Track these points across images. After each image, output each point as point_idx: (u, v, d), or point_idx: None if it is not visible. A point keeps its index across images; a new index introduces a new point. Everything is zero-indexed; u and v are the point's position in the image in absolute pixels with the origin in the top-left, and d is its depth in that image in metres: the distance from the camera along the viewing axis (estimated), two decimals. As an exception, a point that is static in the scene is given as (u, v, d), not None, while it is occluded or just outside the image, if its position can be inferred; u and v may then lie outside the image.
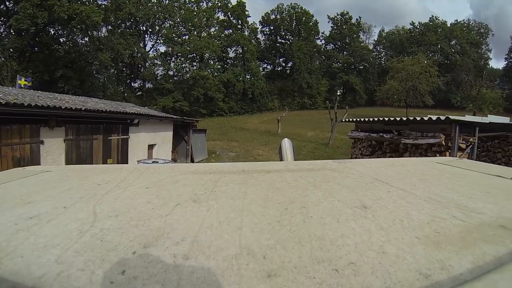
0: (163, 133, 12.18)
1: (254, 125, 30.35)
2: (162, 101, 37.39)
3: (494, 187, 0.63)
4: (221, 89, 39.45)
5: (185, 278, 0.30)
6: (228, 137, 23.88)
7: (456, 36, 47.51)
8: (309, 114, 40.07)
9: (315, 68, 46.57)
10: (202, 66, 40.62)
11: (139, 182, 0.66)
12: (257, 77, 42.46)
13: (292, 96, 43.63)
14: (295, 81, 44.93)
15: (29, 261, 0.33)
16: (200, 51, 39.84)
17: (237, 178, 0.70)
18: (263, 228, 0.41)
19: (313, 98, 45.36)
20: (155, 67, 40.84)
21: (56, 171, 0.78)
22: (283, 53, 47.94)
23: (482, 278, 0.31)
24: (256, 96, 41.78)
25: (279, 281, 0.30)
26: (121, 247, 0.36)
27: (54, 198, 0.54)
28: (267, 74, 48.41)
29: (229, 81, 40.06)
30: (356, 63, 50.10)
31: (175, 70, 41.35)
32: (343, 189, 0.60)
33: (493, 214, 0.47)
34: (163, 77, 39.89)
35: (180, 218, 0.45)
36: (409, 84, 34.67)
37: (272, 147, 19.09)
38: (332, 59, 49.87)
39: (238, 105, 41.32)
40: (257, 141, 22.26)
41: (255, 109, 42.05)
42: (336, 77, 48.02)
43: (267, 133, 25.94)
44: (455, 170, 0.81)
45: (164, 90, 39.08)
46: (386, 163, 0.92)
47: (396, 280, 0.30)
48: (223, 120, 36.14)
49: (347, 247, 0.36)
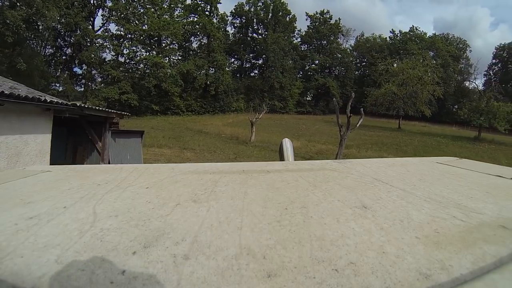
0: (30, 136, 5.42)
1: (216, 128, 25.06)
2: (105, 91, 30.74)
3: (494, 187, 0.63)
4: (178, 82, 33.54)
5: (185, 278, 0.30)
6: (181, 144, 17.92)
7: (437, 48, 45.66)
8: (281, 118, 35.80)
9: (289, 68, 42.33)
10: (159, 52, 34.40)
11: (139, 182, 0.66)
12: (222, 71, 37.02)
13: (261, 96, 38.67)
14: (266, 80, 40.30)
15: (29, 261, 0.33)
16: (157, 32, 33.52)
17: (237, 178, 0.70)
18: (263, 228, 0.42)
19: (284, 101, 40.96)
20: (103, 50, 33.90)
21: (56, 171, 0.79)
22: (254, 47, 43.15)
23: (482, 278, 0.30)
24: (219, 93, 36.40)
25: (279, 281, 0.30)
26: (121, 247, 0.36)
27: (54, 198, 0.54)
28: (234, 70, 43.42)
29: (189, 73, 34.31)
30: (333, 67, 46.79)
31: (127, 57, 34.79)
32: (343, 189, 0.61)
33: (493, 214, 0.47)
34: (110, 63, 33.04)
35: (180, 218, 0.45)
36: (410, 89, 30.47)
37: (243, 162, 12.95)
38: (307, 59, 46.14)
39: (198, 103, 35.81)
40: (222, 152, 16.40)
41: (217, 109, 36.84)
42: (311, 79, 44.26)
43: (234, 140, 20.52)
44: (455, 170, 0.81)
45: (109, 79, 32.42)
46: (386, 163, 0.91)
47: (396, 280, 0.30)
48: (178, 120, 30.65)
49: (347, 247, 0.36)
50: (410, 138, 25.37)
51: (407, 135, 27.29)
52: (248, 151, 16.80)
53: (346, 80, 45.72)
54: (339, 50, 46.79)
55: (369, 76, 44.05)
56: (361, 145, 20.85)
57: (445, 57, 44.54)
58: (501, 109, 26.53)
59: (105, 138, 8.14)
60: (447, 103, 45.52)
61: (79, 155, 8.53)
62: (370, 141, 23.14)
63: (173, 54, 36.80)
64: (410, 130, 31.38)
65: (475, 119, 28.00)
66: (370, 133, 26.70)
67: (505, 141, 26.52)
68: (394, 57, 37.44)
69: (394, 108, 32.29)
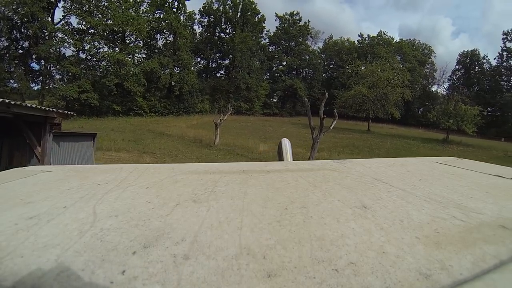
0: None
1: (179, 130, 24.61)
2: (63, 90, 29.57)
3: (494, 187, 0.63)
4: (141, 81, 32.86)
5: (185, 278, 0.30)
6: (141, 147, 17.43)
7: (404, 52, 47.02)
8: (247, 120, 35.51)
9: (256, 68, 42.36)
10: (122, 49, 33.34)
11: (139, 182, 0.66)
12: (188, 70, 36.57)
13: (227, 97, 38.69)
14: (232, 81, 40.29)
15: (29, 261, 0.33)
16: (121, 28, 32.37)
17: (237, 178, 0.70)
18: (263, 228, 0.42)
19: (251, 102, 41.10)
20: (63, 44, 32.30)
21: (56, 171, 0.78)
22: (220, 47, 42.81)
23: (482, 278, 0.30)
24: (184, 94, 36.08)
25: (279, 281, 0.30)
26: (121, 247, 0.36)
27: (54, 198, 0.54)
28: (199, 70, 43.09)
29: (153, 72, 33.70)
30: (301, 68, 47.36)
31: (88, 53, 33.51)
32: (343, 189, 0.60)
33: (493, 214, 0.47)
34: (70, 59, 31.67)
35: (180, 218, 0.45)
36: (380, 91, 30.64)
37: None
38: (275, 60, 46.39)
39: (162, 103, 35.33)
40: (183, 156, 16.07)
41: (181, 110, 36.50)
42: (278, 80, 44.61)
43: (197, 142, 20.16)
44: (455, 170, 0.81)
45: (69, 76, 31.21)
46: (386, 163, 0.91)
47: (396, 280, 0.30)
48: (140, 122, 29.92)
49: (347, 247, 0.36)
50: (381, 141, 25.50)
51: (378, 137, 27.44)
52: (212, 155, 16.54)
53: (314, 82, 46.54)
54: (308, 52, 47.35)
55: (337, 78, 44.91)
56: (332, 148, 20.60)
57: (412, 61, 46.00)
58: (468, 112, 27.72)
59: (45, 142, 6.77)
60: (413, 106, 47.18)
61: (16, 161, 7.62)
62: (341, 144, 22.95)
63: (137, 51, 35.83)
64: (379, 132, 31.68)
65: (444, 121, 29.07)
66: (340, 135, 26.52)
67: (473, 143, 27.61)
68: (362, 60, 38.01)
69: (364, 110, 32.46)
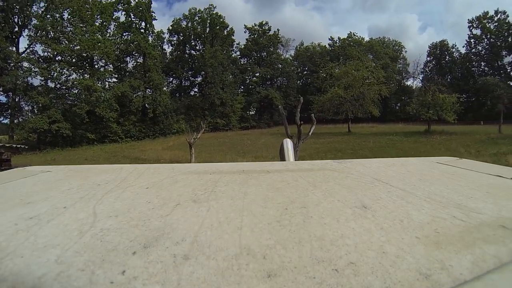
0: None
1: (155, 153, 24.15)
2: (33, 121, 29.04)
3: (494, 187, 0.63)
4: (113, 106, 32.50)
5: (185, 278, 0.30)
6: None
7: (376, 51, 47.88)
8: (225, 135, 34.75)
9: (229, 82, 42.49)
10: (92, 74, 32.89)
11: (139, 182, 0.66)
12: (160, 91, 36.35)
13: (203, 115, 38.61)
14: (206, 97, 40.26)
15: (29, 261, 0.33)
16: (88, 53, 31.85)
17: (237, 178, 0.70)
18: (263, 228, 0.42)
19: (227, 118, 41.14)
20: (29, 74, 31.53)
21: (56, 171, 0.78)
22: (192, 65, 42.72)
23: (482, 278, 0.30)
24: (158, 115, 35.85)
25: (279, 281, 0.30)
26: (121, 247, 0.36)
27: (54, 198, 0.55)
28: (172, 89, 42.85)
29: (124, 95, 33.34)
30: (275, 78, 47.80)
31: (57, 81, 32.97)
32: (343, 189, 0.61)
33: (493, 214, 0.47)
34: (38, 90, 31.08)
35: (180, 218, 0.45)
36: (356, 91, 30.47)
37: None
38: (247, 72, 46.64)
39: (137, 127, 34.88)
40: None
41: (157, 132, 36.14)
42: (253, 92, 44.91)
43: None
44: (455, 170, 0.81)
45: (38, 107, 30.67)
46: (386, 163, 0.91)
47: (396, 280, 0.30)
48: (116, 148, 29.24)
49: (347, 247, 0.36)
50: (364, 141, 24.91)
51: (359, 138, 26.95)
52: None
53: (289, 90, 46.93)
54: (280, 61, 47.72)
55: (311, 84, 45.47)
56: (314, 154, 19.91)
57: (384, 58, 46.94)
58: (446, 100, 27.70)
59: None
60: (390, 102, 48.04)
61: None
62: (323, 149, 22.09)
63: (107, 76, 35.35)
64: (360, 132, 31.35)
65: (424, 113, 28.80)
66: (321, 140, 25.78)
67: (455, 131, 27.32)
68: (335, 62, 38.38)
69: (342, 111, 32.28)
